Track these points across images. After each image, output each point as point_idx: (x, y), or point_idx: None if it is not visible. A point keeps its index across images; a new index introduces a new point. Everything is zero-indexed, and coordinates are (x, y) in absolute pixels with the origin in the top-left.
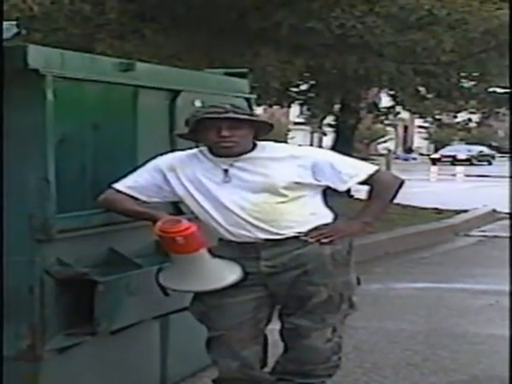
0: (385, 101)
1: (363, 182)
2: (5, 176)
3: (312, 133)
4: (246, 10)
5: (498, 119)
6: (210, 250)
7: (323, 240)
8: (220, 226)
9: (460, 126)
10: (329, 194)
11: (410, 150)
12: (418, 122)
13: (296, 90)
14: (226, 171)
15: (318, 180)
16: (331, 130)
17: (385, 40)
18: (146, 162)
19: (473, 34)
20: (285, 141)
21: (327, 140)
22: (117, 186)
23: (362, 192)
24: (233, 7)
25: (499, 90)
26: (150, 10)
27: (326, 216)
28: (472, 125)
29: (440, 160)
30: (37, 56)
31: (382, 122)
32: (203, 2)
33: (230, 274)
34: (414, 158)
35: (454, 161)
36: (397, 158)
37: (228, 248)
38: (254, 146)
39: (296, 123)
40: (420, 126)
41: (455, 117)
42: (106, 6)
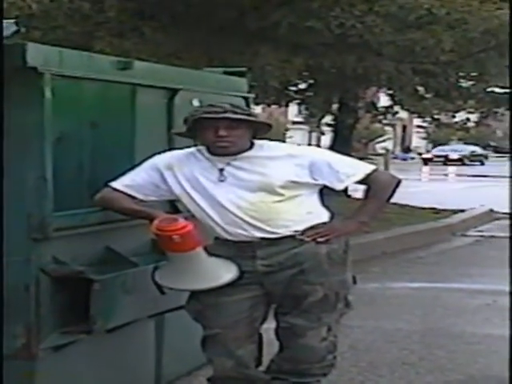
0: (383, 100)
1: (360, 182)
2: (5, 175)
3: (310, 132)
4: (245, 9)
5: (497, 119)
6: (206, 249)
7: (319, 239)
8: (216, 225)
9: (458, 126)
10: (326, 194)
11: (408, 149)
12: (417, 121)
13: (294, 89)
14: (221, 170)
15: (315, 179)
16: (329, 129)
17: (384, 39)
18: (143, 160)
19: (472, 33)
20: (283, 140)
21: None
22: (114, 184)
23: (359, 191)
24: (232, 6)
25: (498, 89)
26: (149, 8)
27: (323, 215)
28: (470, 124)
29: (432, 160)
30: (35, 54)
31: (381, 121)
32: (202, 0)
33: (226, 272)
34: (413, 158)
35: (445, 161)
36: (395, 157)
37: (224, 247)
38: (252, 145)
39: (294, 122)
40: (418, 126)
41: (454, 116)
42: (105, 3)
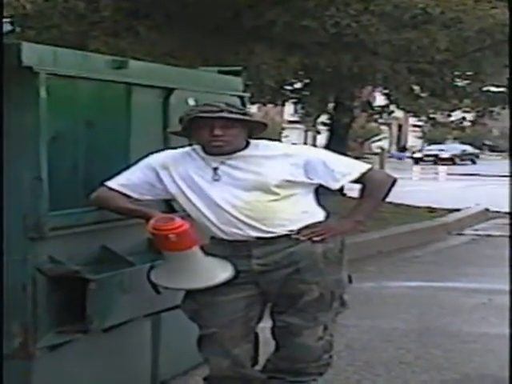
0: (379, 99)
1: (356, 181)
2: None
3: (306, 131)
4: (240, 8)
5: (493, 118)
6: (202, 248)
7: (315, 238)
8: (212, 224)
9: (454, 125)
10: (322, 193)
11: (403, 148)
12: (412, 120)
13: (290, 88)
14: (215, 169)
15: (310, 178)
16: (325, 128)
17: (379, 38)
18: (139, 159)
19: (467, 32)
20: (279, 139)
21: (321, 138)
22: (109, 183)
23: (354, 190)
24: (227, 5)
25: (493, 88)
26: (144, 7)
27: (318, 214)
28: (466, 123)
29: (422, 159)
30: (30, 53)
31: (376, 120)
32: None
33: (221, 272)
34: (409, 157)
35: (436, 160)
36: (391, 156)
37: (220, 246)
38: (247, 144)
39: (290, 122)
40: (414, 125)
41: (449, 115)
42: (100, 3)
